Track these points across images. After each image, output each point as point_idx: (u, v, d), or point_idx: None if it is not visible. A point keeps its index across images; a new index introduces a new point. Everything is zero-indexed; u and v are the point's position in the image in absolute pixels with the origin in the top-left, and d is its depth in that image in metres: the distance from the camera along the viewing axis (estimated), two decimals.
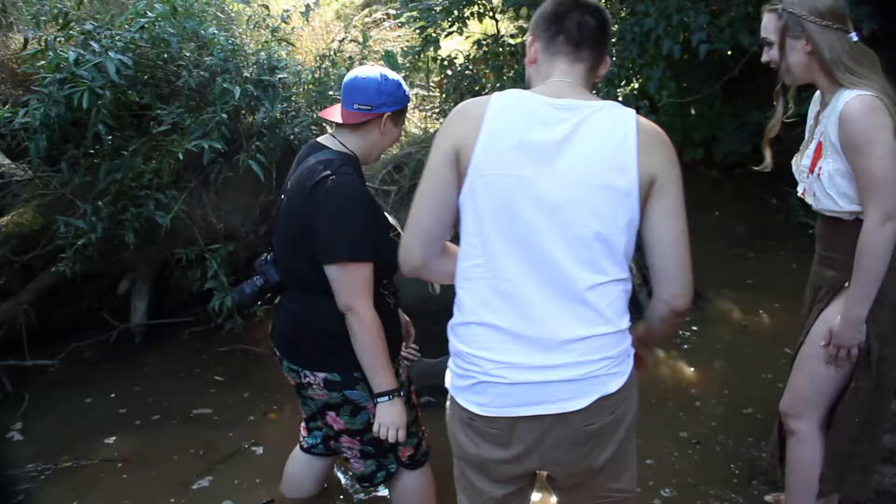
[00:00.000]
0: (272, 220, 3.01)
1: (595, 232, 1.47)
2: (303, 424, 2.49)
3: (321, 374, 2.08)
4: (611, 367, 1.51)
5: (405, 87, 2.10)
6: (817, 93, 2.06)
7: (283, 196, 2.14)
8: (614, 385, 1.52)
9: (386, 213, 2.18)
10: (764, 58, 2.02)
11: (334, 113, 2.11)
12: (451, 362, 1.63)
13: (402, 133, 5.09)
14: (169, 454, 2.98)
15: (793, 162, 2.14)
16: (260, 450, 2.99)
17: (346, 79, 2.08)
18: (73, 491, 2.76)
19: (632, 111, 1.53)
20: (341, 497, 2.67)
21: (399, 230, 2.10)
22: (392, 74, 2.08)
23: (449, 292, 3.12)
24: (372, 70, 2.08)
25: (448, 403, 1.67)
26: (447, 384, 1.64)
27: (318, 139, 2.16)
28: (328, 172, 1.98)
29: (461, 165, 1.49)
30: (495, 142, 1.47)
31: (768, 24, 1.97)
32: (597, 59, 1.59)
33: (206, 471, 2.86)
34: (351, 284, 1.96)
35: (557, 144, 1.46)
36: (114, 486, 2.79)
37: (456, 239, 1.62)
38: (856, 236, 1.90)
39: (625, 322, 1.54)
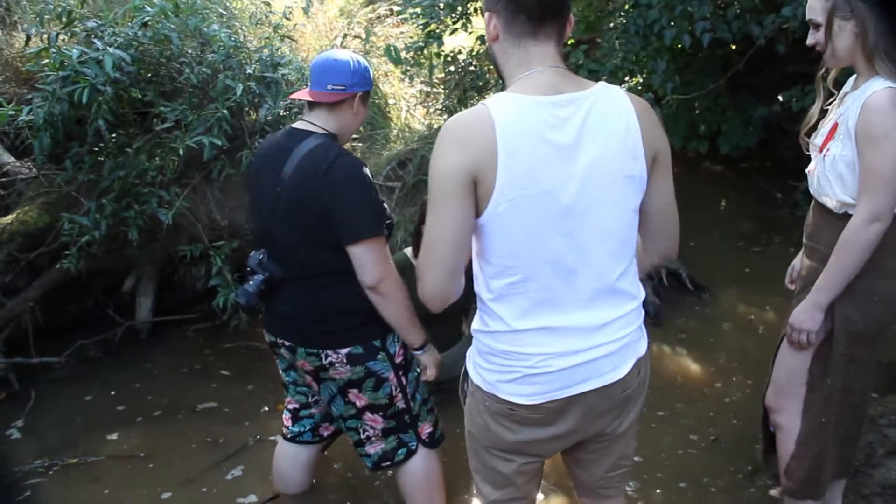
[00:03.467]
0: None
1: (622, 223, 1.51)
2: (286, 415, 2.50)
3: (343, 351, 2.10)
4: (638, 331, 1.62)
5: (371, 70, 2.16)
6: (853, 77, 1.97)
7: (278, 189, 2.08)
8: (643, 347, 1.64)
9: None
10: (810, 40, 1.93)
11: (308, 94, 2.12)
12: (480, 360, 1.59)
13: (406, 129, 5.09)
14: (177, 449, 2.99)
15: (810, 138, 2.05)
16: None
17: (316, 61, 2.12)
18: (81, 486, 2.78)
19: (620, 89, 1.51)
20: (339, 493, 2.68)
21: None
22: (361, 58, 2.14)
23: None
24: (343, 53, 2.14)
25: (471, 399, 1.64)
26: (475, 381, 1.61)
27: (294, 126, 2.15)
28: (334, 154, 2.02)
29: (480, 191, 1.41)
30: (515, 162, 1.38)
31: (815, 5, 1.88)
32: (562, 26, 1.48)
33: (220, 464, 2.87)
34: (379, 258, 2.03)
35: (571, 147, 1.42)
36: (126, 481, 2.80)
37: None
38: (840, 232, 1.87)
39: (642, 291, 1.64)
